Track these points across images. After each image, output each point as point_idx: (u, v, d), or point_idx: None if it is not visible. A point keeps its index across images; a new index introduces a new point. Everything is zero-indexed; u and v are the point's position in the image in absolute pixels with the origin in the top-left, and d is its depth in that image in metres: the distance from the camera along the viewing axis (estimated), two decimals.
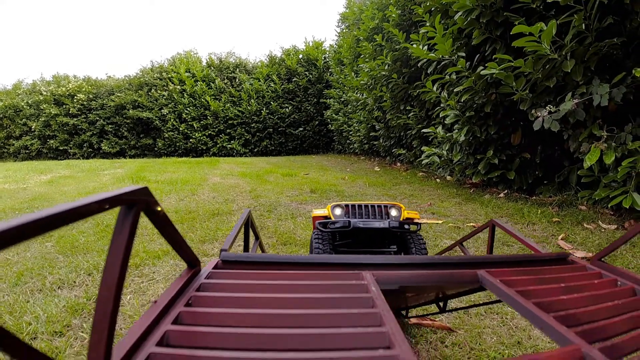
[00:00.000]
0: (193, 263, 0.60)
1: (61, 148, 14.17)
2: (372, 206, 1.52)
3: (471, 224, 3.08)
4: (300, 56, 14.22)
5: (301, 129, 13.94)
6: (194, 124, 13.70)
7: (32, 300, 1.76)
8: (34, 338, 1.47)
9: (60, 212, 0.30)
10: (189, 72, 14.07)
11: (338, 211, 1.52)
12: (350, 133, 10.17)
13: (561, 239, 2.54)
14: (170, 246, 0.53)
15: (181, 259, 0.72)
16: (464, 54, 3.98)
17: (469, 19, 3.72)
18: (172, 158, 12.17)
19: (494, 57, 3.48)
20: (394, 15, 6.03)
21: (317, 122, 13.99)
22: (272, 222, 3.33)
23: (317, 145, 14.38)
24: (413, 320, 1.59)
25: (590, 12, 2.83)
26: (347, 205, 1.53)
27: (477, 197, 4.02)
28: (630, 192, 2.75)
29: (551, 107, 3.01)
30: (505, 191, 4.11)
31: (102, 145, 13.94)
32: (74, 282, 1.98)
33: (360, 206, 1.52)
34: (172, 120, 13.70)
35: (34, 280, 1.99)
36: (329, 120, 12.53)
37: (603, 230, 2.67)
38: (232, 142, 13.87)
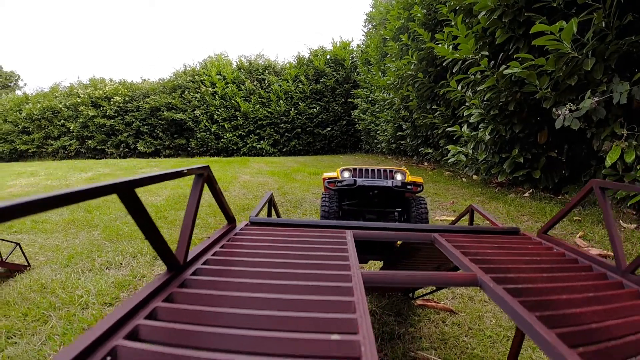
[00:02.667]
0: (231, 220, 0.96)
1: (99, 148, 14.94)
2: (379, 170, 1.63)
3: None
4: (328, 57, 14.35)
5: (329, 128, 14.07)
6: (225, 125, 14.10)
7: (82, 278, 1.99)
8: (85, 308, 1.69)
9: (159, 175, 0.57)
10: (220, 74, 14.48)
11: (346, 174, 1.62)
12: (378, 132, 10.21)
13: (579, 237, 2.55)
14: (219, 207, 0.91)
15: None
16: (487, 53, 3.99)
17: (491, 18, 3.74)
18: (205, 157, 12.58)
19: (514, 56, 3.49)
20: (419, 14, 6.06)
21: (344, 122, 14.09)
22: (297, 216, 3.49)
23: (344, 145, 14.48)
24: (419, 302, 1.70)
25: (609, 10, 2.82)
26: (355, 169, 1.63)
27: (501, 196, 4.03)
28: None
29: (571, 105, 3.01)
30: (531, 190, 4.09)
31: (137, 145, 14.59)
32: (121, 263, 2.21)
33: (367, 170, 1.63)
34: (204, 121, 14.16)
35: (84, 262, 2.23)
36: (356, 119, 12.60)
37: (623, 229, 2.66)
38: (261, 142, 14.18)
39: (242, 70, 14.92)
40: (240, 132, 14.25)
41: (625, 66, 3.08)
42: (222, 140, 14.23)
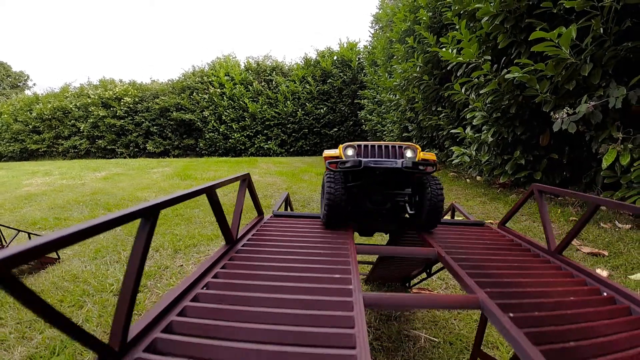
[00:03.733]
0: (260, 213, 1.35)
1: (109, 147, 15.24)
2: (386, 146, 1.43)
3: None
4: (335, 58, 14.49)
5: (336, 129, 14.21)
6: (233, 125, 14.31)
7: (111, 269, 2.16)
8: (117, 294, 1.85)
9: (212, 185, 0.75)
10: (228, 75, 14.70)
11: (350, 151, 1.42)
12: (384, 133, 10.31)
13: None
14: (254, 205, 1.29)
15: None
16: (489, 57, 4.11)
17: (494, 23, 3.86)
18: (214, 158, 12.80)
19: (515, 61, 3.61)
20: (424, 18, 6.17)
21: (351, 123, 14.22)
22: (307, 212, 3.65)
23: None
24: (414, 290, 1.86)
25: (607, 17, 2.93)
26: (359, 146, 1.43)
27: (502, 197, 4.15)
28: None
29: (568, 109, 3.13)
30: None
31: (147, 145, 14.86)
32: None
33: (373, 146, 1.43)
34: (212, 121, 14.38)
35: (111, 255, 2.40)
36: (363, 120, 12.71)
37: (617, 229, 2.77)
38: (269, 142, 14.36)
39: (250, 71, 15.12)
40: (248, 133, 14.45)
41: (623, 71, 3.18)
42: (230, 140, 14.44)
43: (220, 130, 14.40)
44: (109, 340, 0.46)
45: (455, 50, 4.54)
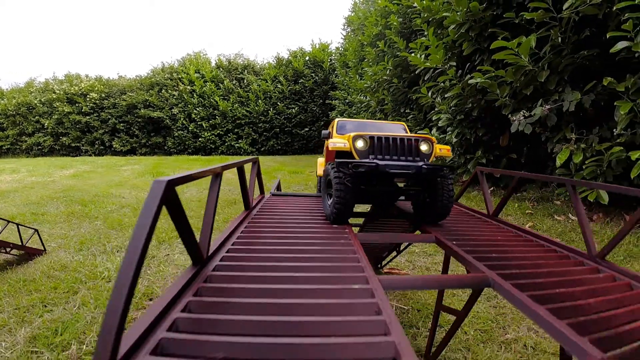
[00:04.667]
0: (262, 192, 1.73)
1: (73, 145, 14.72)
2: (401, 140, 1.29)
3: None
4: (307, 58, 14.64)
5: (307, 129, 14.36)
6: (203, 124, 14.17)
7: (99, 259, 2.22)
8: (109, 281, 1.93)
9: (233, 163, 0.90)
10: (199, 72, 14.54)
11: (360, 143, 1.29)
12: None
13: (528, 227, 2.95)
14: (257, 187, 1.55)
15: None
16: (454, 64, 4.39)
17: (460, 31, 4.13)
18: (183, 156, 12.65)
19: (478, 67, 3.88)
20: (395, 23, 6.42)
21: (322, 123, 14.40)
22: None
23: (322, 144, 14.74)
24: (385, 270, 2.05)
25: (566, 27, 3.23)
26: (371, 138, 1.29)
27: (465, 194, 4.43)
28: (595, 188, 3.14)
29: (525, 112, 3.42)
30: (492, 188, 4.51)
31: (113, 143, 14.45)
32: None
33: (387, 139, 1.29)
34: (181, 119, 14.18)
35: (96, 247, 2.45)
36: None
37: (570, 221, 3.07)
38: (239, 141, 14.32)
39: (221, 69, 15.02)
40: (218, 131, 14.34)
41: (579, 77, 3.50)
42: (200, 139, 14.28)
43: (190, 128, 14.21)
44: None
45: (423, 56, 4.79)
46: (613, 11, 2.87)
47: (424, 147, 1.31)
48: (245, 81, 14.73)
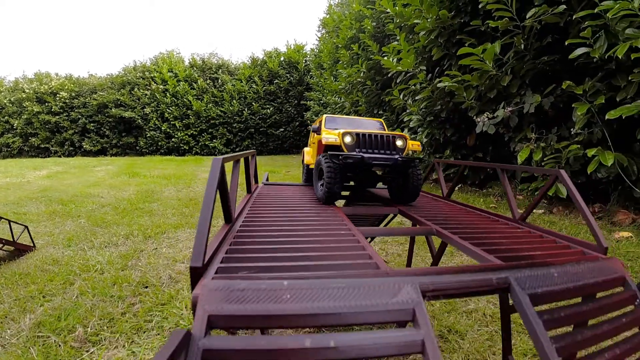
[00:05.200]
0: (256, 182, 1.84)
1: (42, 146, 14.24)
2: (381, 137, 1.57)
3: None
4: (282, 59, 14.72)
5: (282, 129, 14.44)
6: (176, 124, 13.99)
7: (89, 253, 2.29)
8: (102, 273, 2.02)
9: (240, 153, 1.06)
10: (172, 71, 14.36)
11: (348, 139, 1.54)
12: None
13: None
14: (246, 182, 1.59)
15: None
16: (424, 68, 4.63)
17: (430, 37, 4.37)
18: (157, 156, 12.49)
19: (446, 72, 4.13)
20: (369, 27, 6.65)
21: (297, 123, 14.51)
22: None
23: (297, 145, 14.90)
24: None
25: (529, 34, 3.50)
26: (357, 135, 1.55)
27: (434, 190, 4.68)
28: (555, 184, 3.43)
29: (489, 113, 3.68)
30: (460, 185, 4.79)
31: (83, 143, 14.07)
32: (117, 242, 2.53)
33: (370, 136, 1.56)
34: (154, 119, 13.95)
35: (84, 243, 2.51)
36: (309, 121, 13.06)
37: (532, 214, 3.34)
38: (214, 141, 14.24)
39: (195, 68, 14.89)
40: (192, 131, 14.20)
41: (540, 81, 3.78)
42: (173, 139, 14.09)
43: (163, 128, 14.01)
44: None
45: (395, 60, 5.02)
46: (574, 19, 3.15)
47: (399, 143, 1.58)
48: (219, 81, 14.67)
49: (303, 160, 2.48)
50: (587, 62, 3.25)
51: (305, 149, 2.50)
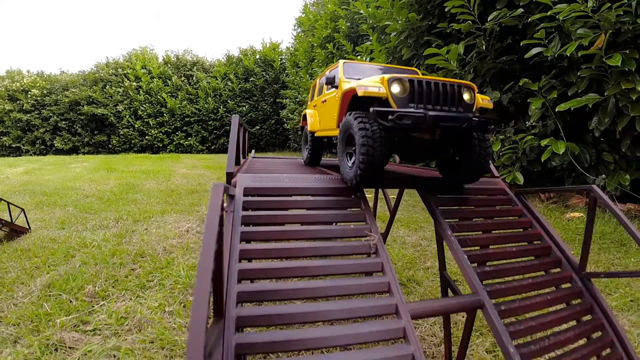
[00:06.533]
0: (245, 156, 1.89)
1: (14, 145, 13.81)
2: (443, 85, 1.15)
3: None
4: (258, 57, 14.80)
5: (258, 127, 14.49)
6: (150, 121, 13.81)
7: (84, 234, 2.43)
8: (100, 248, 2.17)
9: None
10: (145, 68, 14.18)
11: (397, 88, 1.13)
12: None
13: None
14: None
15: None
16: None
17: (400, 38, 4.67)
18: (131, 154, 12.38)
19: None
20: (343, 27, 6.93)
21: (273, 121, 14.61)
22: None
23: (273, 143, 14.99)
24: None
25: (490, 36, 3.82)
26: (411, 81, 1.13)
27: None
28: (513, 172, 3.77)
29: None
30: None
31: (55, 142, 13.73)
32: (108, 225, 2.68)
33: (429, 84, 1.14)
34: (127, 116, 13.72)
35: (77, 225, 2.65)
36: (285, 119, 13.21)
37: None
38: (189, 139, 14.15)
39: (169, 65, 14.77)
40: (166, 129, 14.04)
41: (500, 79, 4.12)
42: (146, 137, 13.88)
43: (136, 126, 13.77)
44: None
45: (368, 59, 5.30)
46: (532, 22, 3.48)
47: (466, 96, 1.18)
48: (194, 78, 14.60)
49: (303, 130, 1.98)
50: (542, 61, 3.61)
51: (308, 111, 1.97)
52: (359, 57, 5.32)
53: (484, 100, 1.23)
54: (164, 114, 13.97)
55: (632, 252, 2.39)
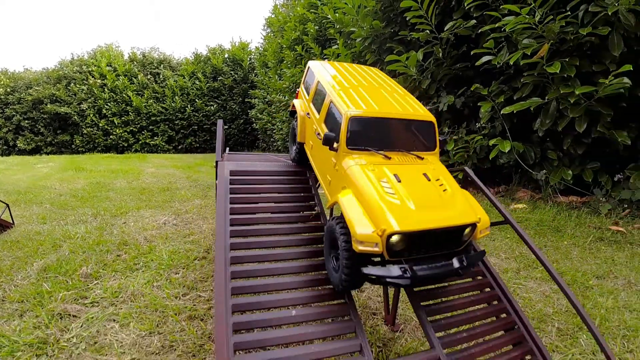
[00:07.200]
0: (224, 151, 2.02)
1: None
2: (445, 233, 1.05)
3: None
4: (226, 56, 14.75)
5: (226, 127, 14.39)
6: (115, 120, 13.42)
7: (67, 227, 2.56)
8: (85, 239, 2.32)
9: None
10: (111, 65, 13.80)
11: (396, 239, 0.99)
12: (274, 132, 11.03)
13: None
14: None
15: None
16: None
17: (364, 44, 4.97)
18: (96, 154, 12.11)
19: None
20: (312, 30, 7.16)
21: (242, 121, 14.62)
22: (214, 192, 4.27)
23: (242, 143, 14.99)
24: None
25: (446, 45, 4.15)
26: (410, 236, 1.00)
27: None
28: (464, 169, 4.13)
29: None
30: None
31: (17, 142, 13.14)
32: (87, 220, 2.81)
33: (427, 235, 1.02)
34: (91, 115, 13.28)
35: (58, 220, 2.76)
36: (253, 119, 13.27)
37: None
38: (155, 138, 13.89)
39: (135, 63, 14.42)
40: (131, 128, 13.66)
41: (455, 84, 4.47)
42: (111, 136, 13.45)
43: (100, 125, 13.33)
44: None
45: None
46: (484, 32, 3.81)
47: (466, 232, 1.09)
48: (161, 76, 14.34)
49: (294, 115, 1.78)
50: (493, 68, 3.96)
51: (295, 102, 1.81)
52: (326, 60, 5.57)
53: (482, 232, 1.13)
54: (129, 113, 13.63)
55: (566, 236, 2.76)
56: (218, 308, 0.92)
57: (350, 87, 1.30)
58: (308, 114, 1.52)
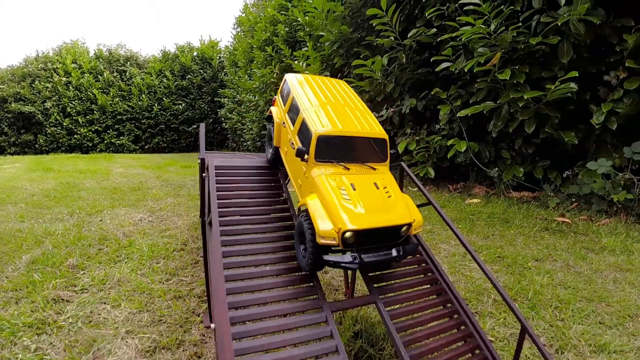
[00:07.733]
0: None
1: None
2: (386, 230, 1.31)
3: None
4: (195, 54, 14.62)
5: (195, 126, 14.26)
6: (79, 119, 13.03)
7: (45, 225, 2.64)
8: (65, 235, 2.42)
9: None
10: (76, 63, 13.36)
11: (348, 235, 1.25)
12: (244, 131, 11.08)
13: None
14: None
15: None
16: (328, 73, 5.46)
17: (333, 48, 5.20)
18: (60, 154, 11.75)
19: (345, 78, 5.00)
20: (282, 32, 7.33)
21: (211, 120, 14.53)
22: (186, 191, 4.38)
23: (211, 142, 14.87)
24: None
25: (409, 52, 4.43)
26: (359, 233, 1.25)
27: None
28: (426, 167, 4.42)
29: (376, 114, 4.61)
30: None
31: None
32: (64, 219, 2.88)
33: (372, 232, 1.28)
34: (55, 114, 12.82)
35: (35, 219, 2.83)
36: (223, 118, 13.24)
37: (409, 190, 4.29)
38: (121, 138, 13.59)
39: (101, 60, 14.04)
40: (96, 127, 13.27)
41: (417, 88, 4.76)
42: (75, 136, 13.05)
43: (64, 124, 12.89)
44: None
45: (304, 64, 5.78)
46: (444, 40, 4.07)
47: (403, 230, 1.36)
48: (127, 74, 14.01)
49: (270, 120, 1.91)
50: (450, 74, 4.26)
51: (273, 109, 1.95)
52: (296, 62, 5.77)
53: (416, 230, 1.41)
54: (95, 112, 13.25)
55: (513, 227, 3.06)
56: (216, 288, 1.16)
57: (320, 105, 1.51)
58: (284, 122, 1.71)
